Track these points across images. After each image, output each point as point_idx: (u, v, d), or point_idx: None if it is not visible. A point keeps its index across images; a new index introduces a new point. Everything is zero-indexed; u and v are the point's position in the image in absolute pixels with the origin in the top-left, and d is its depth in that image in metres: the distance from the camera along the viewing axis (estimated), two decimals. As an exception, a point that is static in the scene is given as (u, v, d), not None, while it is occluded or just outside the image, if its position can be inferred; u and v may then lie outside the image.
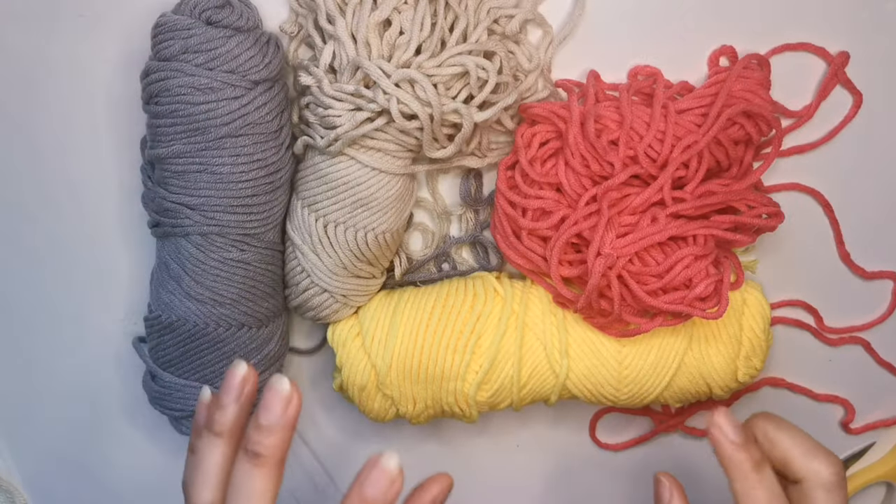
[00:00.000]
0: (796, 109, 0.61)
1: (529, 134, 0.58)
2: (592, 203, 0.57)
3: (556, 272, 0.58)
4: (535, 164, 0.58)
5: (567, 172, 0.58)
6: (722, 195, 0.57)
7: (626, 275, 0.57)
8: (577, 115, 0.57)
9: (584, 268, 0.57)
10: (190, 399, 0.60)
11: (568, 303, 0.59)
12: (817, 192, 0.62)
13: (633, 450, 0.68)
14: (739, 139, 0.57)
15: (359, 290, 0.60)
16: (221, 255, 0.57)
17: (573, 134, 0.57)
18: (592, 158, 0.57)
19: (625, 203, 0.57)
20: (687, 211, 0.57)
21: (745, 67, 0.58)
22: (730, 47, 0.59)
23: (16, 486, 0.70)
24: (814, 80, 0.61)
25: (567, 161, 0.57)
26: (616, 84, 0.60)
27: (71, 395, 0.68)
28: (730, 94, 0.57)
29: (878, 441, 0.67)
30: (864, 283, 0.64)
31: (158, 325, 0.59)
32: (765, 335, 0.61)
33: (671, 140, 0.56)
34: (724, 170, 0.58)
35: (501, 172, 0.59)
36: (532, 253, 0.59)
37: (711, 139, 0.56)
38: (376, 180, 0.57)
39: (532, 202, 0.58)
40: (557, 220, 0.58)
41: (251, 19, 0.56)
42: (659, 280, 0.57)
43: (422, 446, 0.68)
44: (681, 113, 0.57)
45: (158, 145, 0.56)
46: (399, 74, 0.54)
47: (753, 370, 0.61)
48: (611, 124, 0.57)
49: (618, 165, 0.56)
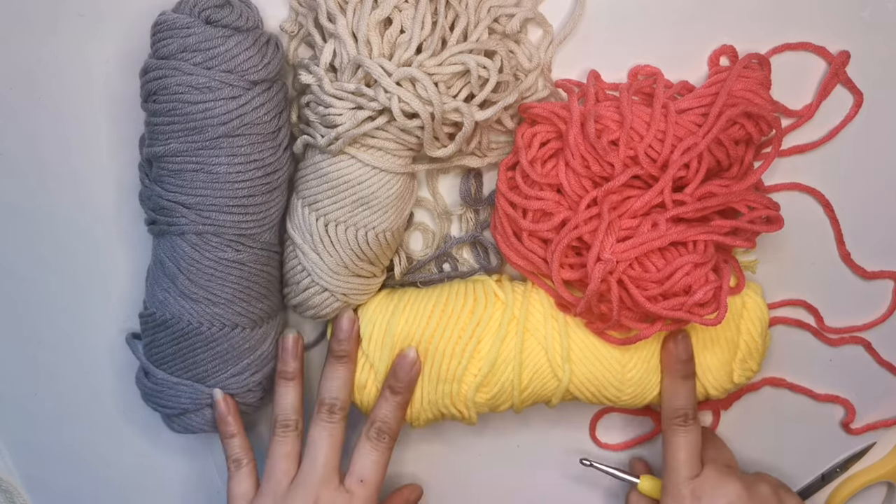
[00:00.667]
0: (797, 109, 0.61)
1: (530, 134, 0.58)
2: (593, 206, 0.57)
3: (557, 276, 0.58)
4: (535, 165, 0.58)
5: (567, 173, 0.58)
6: (722, 196, 0.56)
7: (626, 279, 0.56)
8: (577, 116, 0.57)
9: (585, 271, 0.57)
10: (182, 397, 0.60)
11: (569, 306, 0.59)
12: (818, 191, 0.62)
13: (633, 450, 0.68)
14: (740, 139, 0.57)
15: (359, 289, 0.60)
16: (216, 254, 0.57)
17: (573, 134, 0.57)
18: (593, 159, 0.57)
19: (625, 206, 0.57)
20: (687, 213, 0.57)
21: (746, 67, 0.58)
22: (730, 47, 0.59)
23: (16, 486, 0.70)
24: (814, 80, 0.61)
25: (567, 162, 0.57)
26: (616, 84, 0.60)
27: (70, 395, 0.68)
28: (730, 94, 0.57)
29: (879, 441, 0.67)
30: (864, 283, 0.64)
31: (153, 322, 0.59)
32: (762, 339, 0.61)
33: (672, 140, 0.56)
34: (725, 169, 0.58)
35: (502, 173, 0.59)
36: (532, 254, 0.59)
37: (712, 140, 0.56)
38: (377, 179, 0.56)
39: (533, 203, 0.58)
40: (558, 223, 0.58)
41: (251, 19, 0.55)
42: (659, 286, 0.56)
43: (423, 446, 0.68)
44: (681, 113, 0.57)
45: (155, 143, 0.56)
46: (400, 73, 0.54)
47: (749, 372, 0.61)
48: (611, 124, 0.57)
49: (618, 166, 0.56)
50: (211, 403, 0.60)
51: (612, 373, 0.60)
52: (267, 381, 0.62)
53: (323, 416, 0.60)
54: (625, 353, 0.60)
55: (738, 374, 0.61)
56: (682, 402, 0.60)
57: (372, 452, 0.60)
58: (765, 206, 0.57)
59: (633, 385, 0.60)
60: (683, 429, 0.60)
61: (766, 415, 0.67)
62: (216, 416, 0.60)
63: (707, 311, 0.57)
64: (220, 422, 0.60)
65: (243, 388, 0.61)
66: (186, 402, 0.60)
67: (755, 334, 0.60)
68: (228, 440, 0.61)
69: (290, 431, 0.61)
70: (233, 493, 0.61)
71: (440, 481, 0.69)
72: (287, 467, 0.60)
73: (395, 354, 0.60)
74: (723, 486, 0.59)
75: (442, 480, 0.69)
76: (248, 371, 0.61)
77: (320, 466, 0.59)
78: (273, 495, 0.60)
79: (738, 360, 0.61)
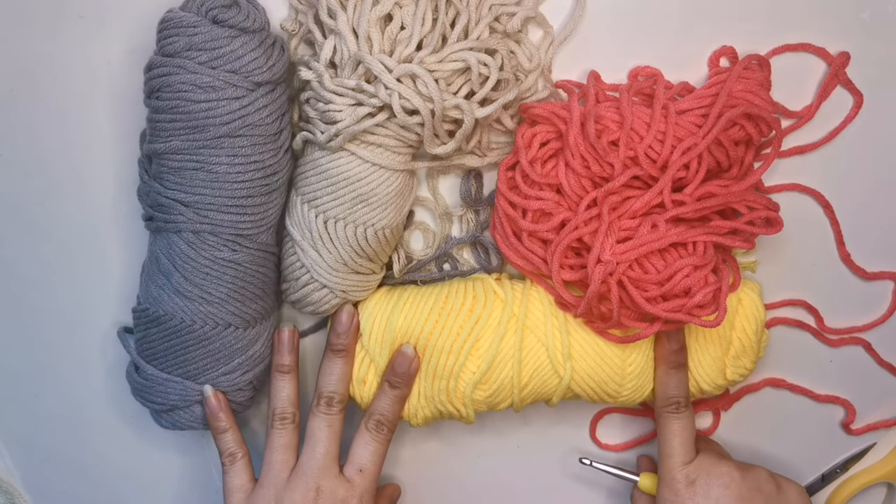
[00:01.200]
0: (797, 110, 0.61)
1: (530, 134, 0.58)
2: (593, 206, 0.57)
3: (557, 277, 0.58)
4: (535, 165, 0.58)
5: (567, 173, 0.58)
6: (722, 197, 0.57)
7: (626, 281, 0.56)
8: (577, 116, 0.57)
9: (585, 272, 0.57)
10: (171, 393, 0.60)
11: (570, 306, 0.59)
12: (817, 192, 0.62)
13: (633, 450, 0.68)
14: (740, 140, 0.57)
15: (358, 286, 0.60)
16: (213, 253, 0.57)
17: (573, 134, 0.57)
18: (593, 159, 0.57)
19: (625, 207, 0.57)
20: (687, 214, 0.57)
21: (746, 68, 0.58)
22: (730, 48, 0.60)
23: (16, 487, 0.70)
24: (814, 81, 0.61)
25: (567, 162, 0.57)
26: (616, 84, 0.60)
27: (70, 395, 0.68)
28: (730, 95, 0.57)
29: (879, 442, 0.67)
30: (864, 283, 0.64)
31: (146, 317, 0.59)
32: (756, 337, 0.61)
33: (671, 141, 0.56)
34: (725, 170, 0.58)
35: (502, 173, 0.59)
36: (532, 255, 0.59)
37: (712, 140, 0.56)
38: (376, 176, 0.57)
39: (532, 203, 0.58)
40: (558, 223, 0.58)
41: (258, 21, 0.56)
42: (659, 288, 0.56)
43: (423, 445, 0.68)
44: (681, 114, 0.57)
45: (157, 140, 0.56)
46: (401, 69, 0.54)
47: (743, 370, 0.61)
48: (611, 125, 0.57)
49: (618, 167, 0.56)
50: (201, 401, 0.60)
51: (613, 368, 0.60)
52: (258, 380, 0.62)
53: (322, 408, 0.61)
54: (625, 349, 0.60)
55: (731, 370, 0.61)
56: (673, 391, 0.60)
57: (371, 443, 0.61)
58: (765, 207, 0.58)
59: (634, 379, 0.60)
60: (676, 416, 0.61)
61: (767, 415, 0.67)
62: (207, 412, 0.61)
63: (706, 312, 0.57)
64: (211, 418, 0.61)
65: (234, 388, 0.61)
66: (176, 398, 0.60)
67: (749, 332, 0.61)
68: (221, 435, 0.61)
69: (288, 423, 0.61)
70: (230, 486, 0.61)
71: (440, 481, 0.69)
72: (286, 458, 0.61)
73: (394, 349, 0.60)
74: (717, 469, 0.60)
75: (442, 480, 0.69)
76: (239, 370, 0.61)
77: (320, 456, 0.60)
78: (274, 486, 0.60)
79: (731, 356, 0.61)
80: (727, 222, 0.57)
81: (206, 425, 0.61)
